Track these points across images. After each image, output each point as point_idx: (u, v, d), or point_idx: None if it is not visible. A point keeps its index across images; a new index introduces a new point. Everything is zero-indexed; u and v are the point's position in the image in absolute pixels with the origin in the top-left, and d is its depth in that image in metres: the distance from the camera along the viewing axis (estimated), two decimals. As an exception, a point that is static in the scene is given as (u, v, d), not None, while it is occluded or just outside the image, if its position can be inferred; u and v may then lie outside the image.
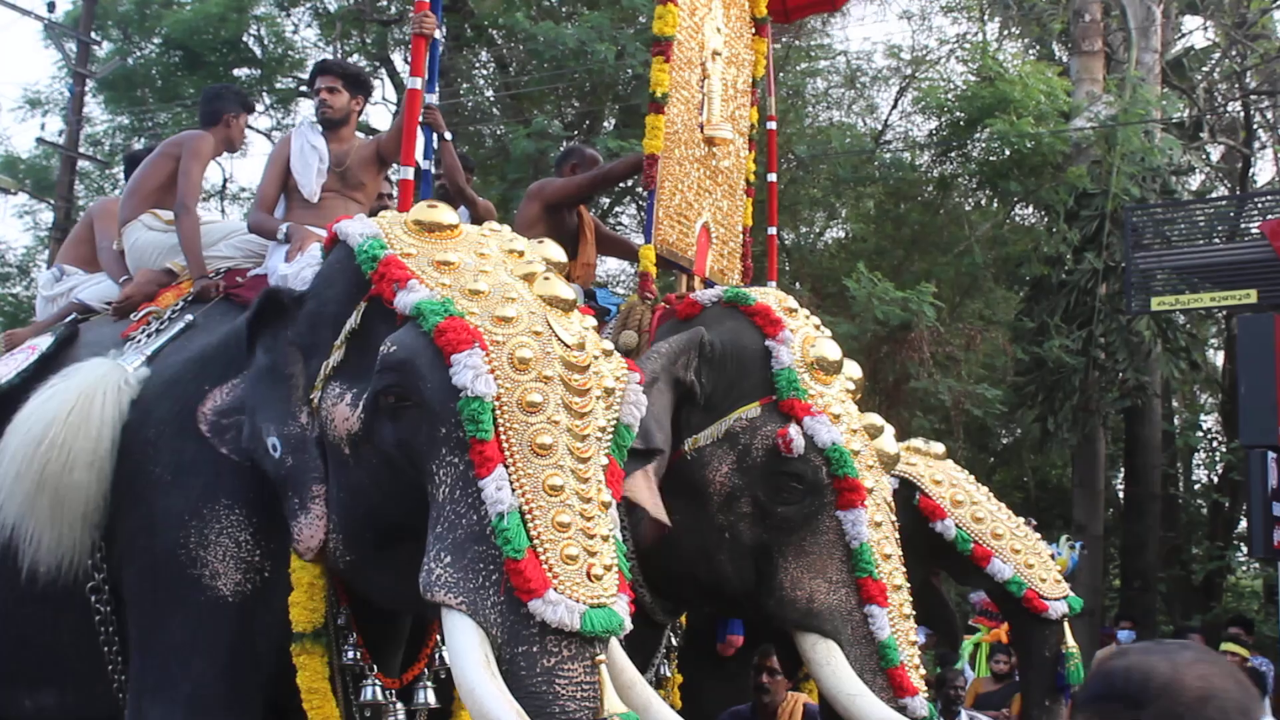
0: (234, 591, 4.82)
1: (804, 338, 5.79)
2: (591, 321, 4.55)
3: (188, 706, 4.83)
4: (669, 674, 6.20)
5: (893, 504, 5.78)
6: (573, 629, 3.86)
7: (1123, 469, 20.73)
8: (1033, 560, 6.82)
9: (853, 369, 5.95)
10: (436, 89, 7.24)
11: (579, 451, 4.16)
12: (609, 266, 19.21)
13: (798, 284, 18.39)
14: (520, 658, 3.87)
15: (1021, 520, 7.06)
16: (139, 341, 5.66)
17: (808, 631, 5.48)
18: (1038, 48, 21.90)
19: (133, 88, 21.73)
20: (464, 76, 21.06)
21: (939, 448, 7.22)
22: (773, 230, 8.30)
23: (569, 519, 4.00)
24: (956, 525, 6.81)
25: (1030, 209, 20.24)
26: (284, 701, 4.78)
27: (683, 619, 6.33)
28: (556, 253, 4.75)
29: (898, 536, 5.68)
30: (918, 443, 7.25)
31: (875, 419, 5.83)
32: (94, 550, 5.16)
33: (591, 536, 4.03)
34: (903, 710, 5.30)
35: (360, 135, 6.67)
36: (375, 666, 4.84)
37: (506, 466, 4.02)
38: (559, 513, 3.99)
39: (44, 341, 6.08)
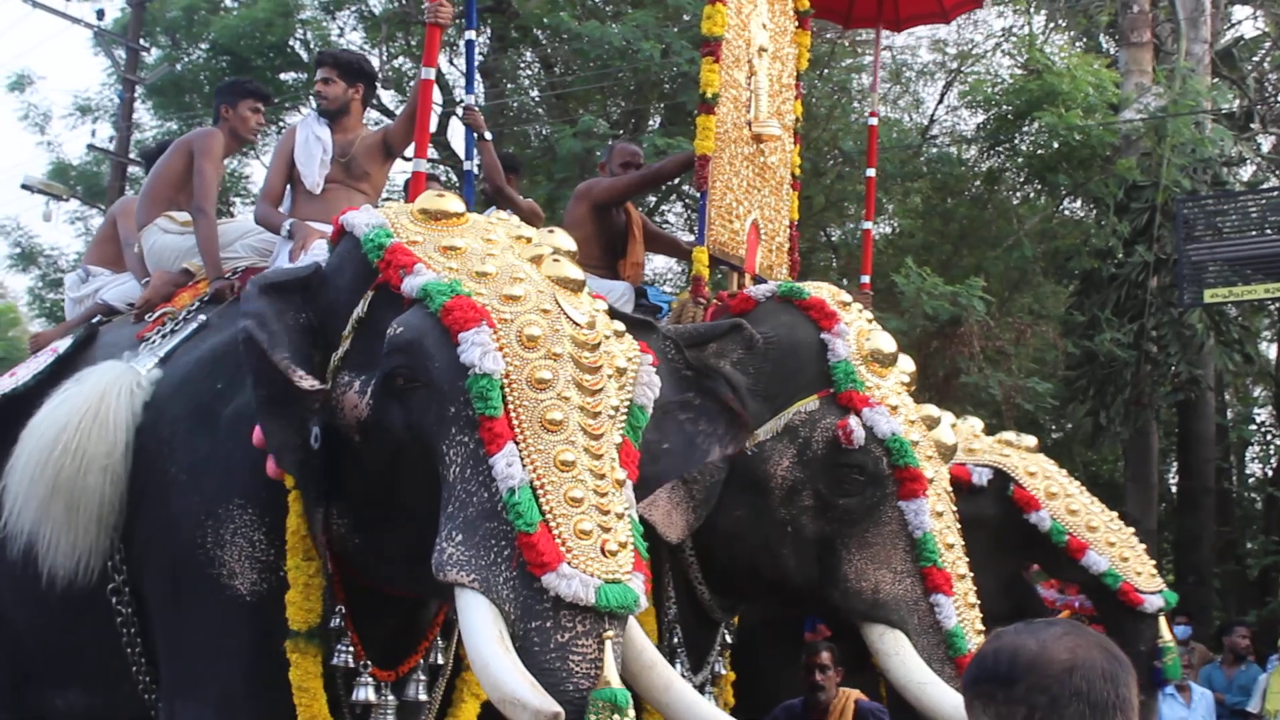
0: (251, 591, 4.83)
1: (859, 330, 5.81)
2: (602, 304, 4.54)
3: (217, 707, 4.85)
4: (723, 671, 6.18)
5: (953, 494, 5.76)
6: (587, 604, 3.80)
7: (1175, 463, 20.57)
8: (1127, 554, 6.79)
9: (906, 363, 5.95)
10: (475, 89, 7.26)
11: (591, 429, 4.11)
12: (656, 264, 19.21)
13: (845, 280, 18.32)
14: (534, 633, 3.82)
15: (1115, 514, 7.01)
16: (153, 343, 5.69)
17: (874, 623, 5.51)
18: (1084, 41, 21.73)
19: (181, 93, 21.89)
20: (509, 77, 21.10)
21: (1031, 440, 7.21)
22: (868, 225, 8.35)
23: (582, 494, 3.95)
24: (1051, 517, 6.78)
25: (1079, 202, 20.08)
26: None
27: (734, 618, 6.31)
28: (566, 241, 4.71)
29: (959, 526, 5.67)
30: (1009, 435, 7.25)
31: (932, 410, 5.85)
32: (113, 552, 5.18)
33: (606, 513, 3.99)
34: None
35: (370, 126, 6.61)
36: (370, 663, 4.82)
37: (517, 443, 3.99)
38: (571, 488, 3.95)
39: (64, 344, 6.12)
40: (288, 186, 6.37)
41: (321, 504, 4.53)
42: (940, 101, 21.26)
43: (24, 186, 22.08)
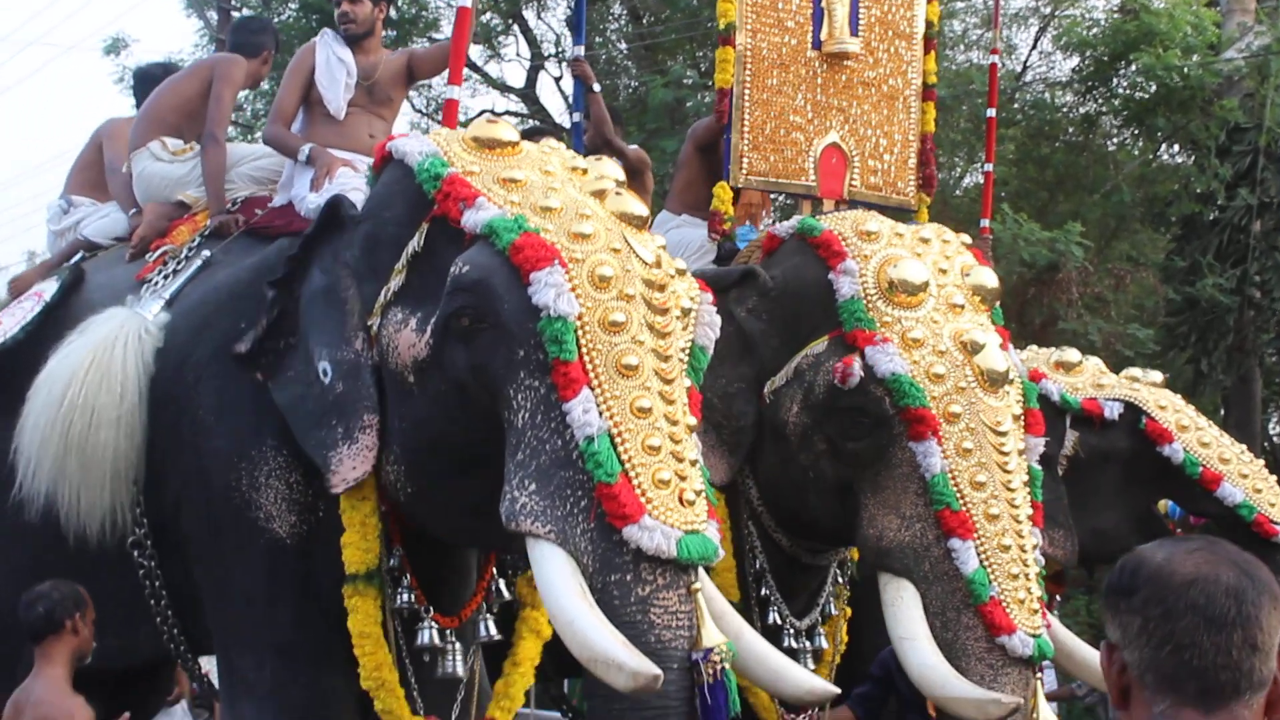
0: (290, 533, 4.73)
1: (883, 260, 5.47)
2: (663, 240, 4.43)
3: (274, 654, 4.78)
4: (835, 611, 6.08)
5: (1006, 424, 5.35)
6: (669, 556, 3.74)
7: (1278, 411, 20.20)
8: (1260, 485, 6.82)
9: (984, 277, 5.62)
10: (584, 41, 7.21)
11: (664, 373, 4.02)
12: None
13: (939, 229, 18.10)
14: (613, 586, 3.76)
15: (1245, 447, 7.00)
16: (156, 284, 5.46)
17: (881, 570, 5.28)
18: (1183, -19, 21.28)
19: (272, 52, 22.03)
20: (596, 30, 21.04)
21: (1157, 376, 7.21)
22: (989, 167, 8.70)
23: (659, 442, 3.87)
24: (1184, 449, 6.76)
25: (1178, 146, 19.70)
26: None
27: (853, 553, 6.15)
28: (615, 171, 4.60)
29: (1008, 459, 5.30)
30: (1136, 371, 7.23)
31: (977, 335, 5.37)
32: (133, 505, 5.06)
33: (681, 460, 3.91)
34: (1001, 650, 5.00)
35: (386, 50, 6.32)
36: (432, 608, 4.68)
37: (592, 388, 3.89)
38: (649, 435, 3.87)
39: (50, 288, 5.84)
40: (300, 109, 6.05)
41: (345, 443, 4.39)
42: (1034, 47, 20.93)
43: (120, 148, 22.35)
